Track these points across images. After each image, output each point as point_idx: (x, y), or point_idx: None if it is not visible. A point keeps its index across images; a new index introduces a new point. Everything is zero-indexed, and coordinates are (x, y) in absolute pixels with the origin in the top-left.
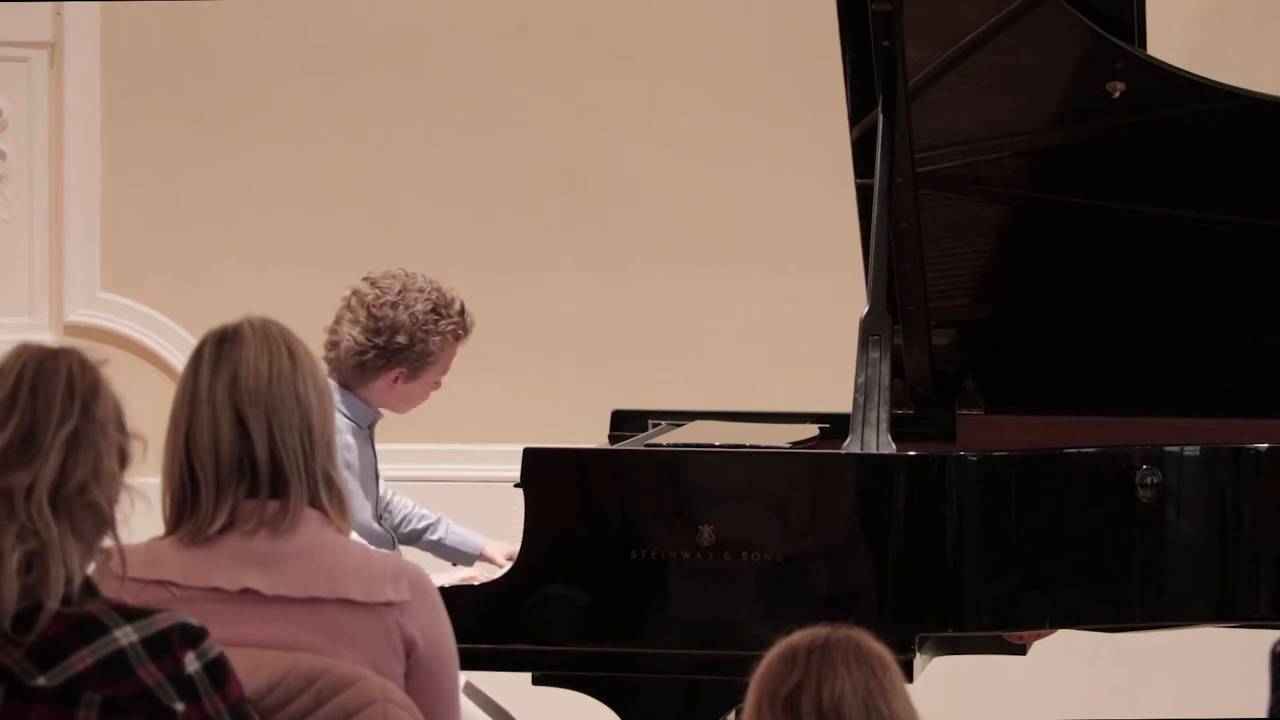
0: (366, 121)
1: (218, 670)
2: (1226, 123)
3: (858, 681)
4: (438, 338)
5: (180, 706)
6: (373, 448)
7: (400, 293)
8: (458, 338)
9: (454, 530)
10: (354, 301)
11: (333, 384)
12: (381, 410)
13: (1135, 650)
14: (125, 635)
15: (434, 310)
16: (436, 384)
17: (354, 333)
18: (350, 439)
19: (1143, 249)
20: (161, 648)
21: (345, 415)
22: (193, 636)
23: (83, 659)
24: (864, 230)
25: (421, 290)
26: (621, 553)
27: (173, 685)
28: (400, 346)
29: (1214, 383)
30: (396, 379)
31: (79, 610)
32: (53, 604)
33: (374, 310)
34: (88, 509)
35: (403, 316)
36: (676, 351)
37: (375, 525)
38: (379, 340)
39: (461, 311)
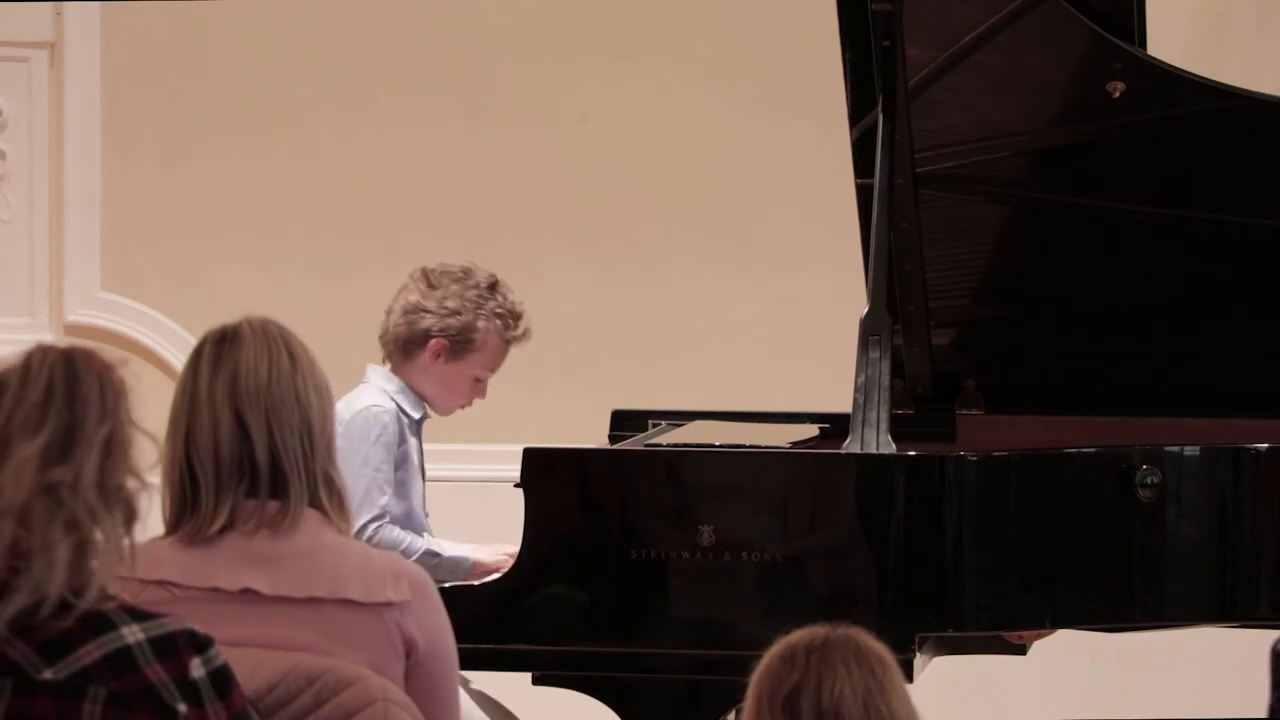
0: (367, 121)
1: (222, 679)
2: (1227, 123)
3: (857, 681)
4: (484, 318)
5: (183, 708)
6: (420, 446)
7: (462, 270)
8: (506, 327)
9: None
10: (416, 274)
11: (386, 373)
12: (427, 408)
13: (1135, 650)
14: (132, 633)
15: (491, 288)
16: (479, 383)
17: (410, 296)
18: (408, 434)
19: (1143, 249)
20: (168, 650)
21: (402, 409)
22: (199, 643)
23: (90, 652)
24: (864, 230)
25: (482, 274)
26: (621, 553)
27: (177, 687)
28: (449, 311)
29: (1214, 383)
30: (439, 354)
31: (90, 607)
32: (92, 595)
33: (432, 278)
34: (122, 506)
35: (456, 287)
36: (676, 351)
37: (424, 521)
38: (430, 304)
39: (516, 309)
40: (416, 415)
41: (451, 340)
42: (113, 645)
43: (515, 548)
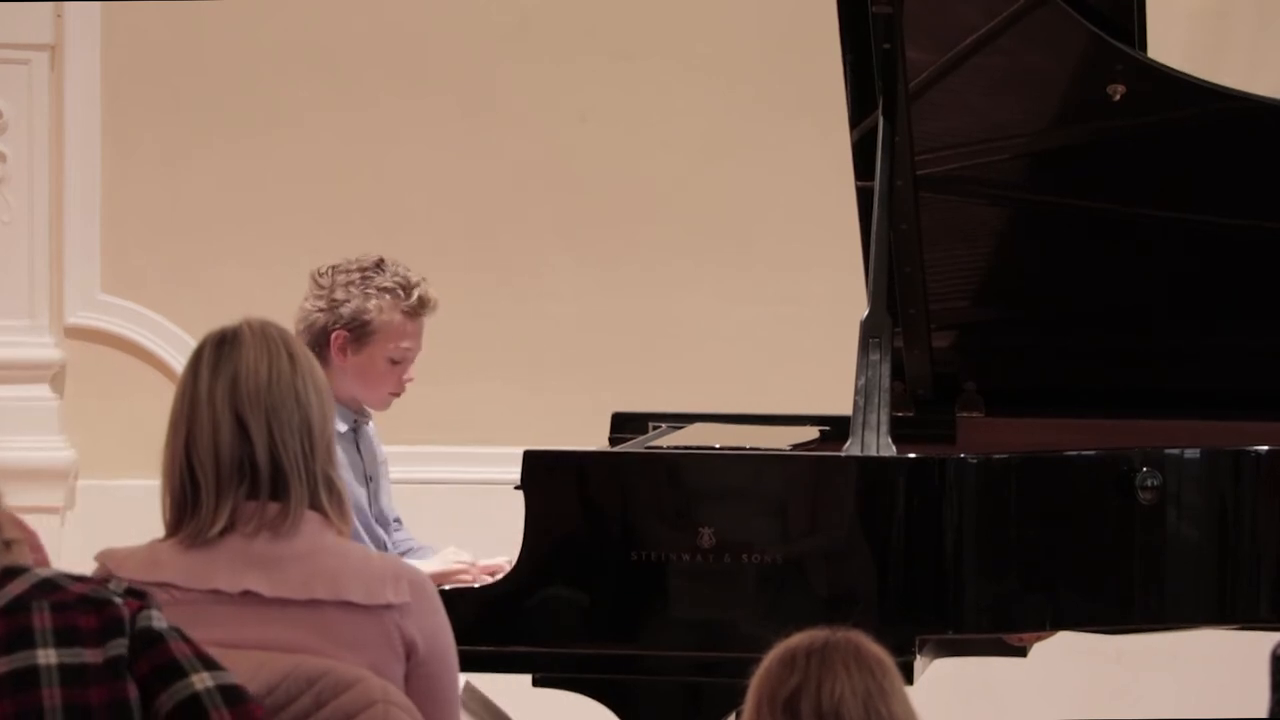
0: (367, 121)
1: (137, 590)
2: (1227, 125)
3: (857, 684)
4: (372, 298)
5: (119, 600)
6: (360, 452)
7: (346, 261)
8: (398, 299)
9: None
10: (308, 280)
11: None
12: (366, 409)
13: (1135, 652)
14: (46, 570)
15: (375, 267)
16: (398, 365)
17: (304, 303)
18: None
19: (1143, 251)
20: (82, 578)
21: None
22: (104, 577)
23: (17, 587)
24: (864, 232)
25: (368, 258)
26: (622, 555)
27: (105, 590)
28: (337, 302)
29: (1215, 385)
30: (344, 347)
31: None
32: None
33: (319, 279)
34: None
35: (341, 278)
36: (676, 352)
37: (362, 533)
38: (320, 303)
39: (406, 282)
40: (344, 428)
41: (349, 329)
42: (34, 578)
43: (467, 555)
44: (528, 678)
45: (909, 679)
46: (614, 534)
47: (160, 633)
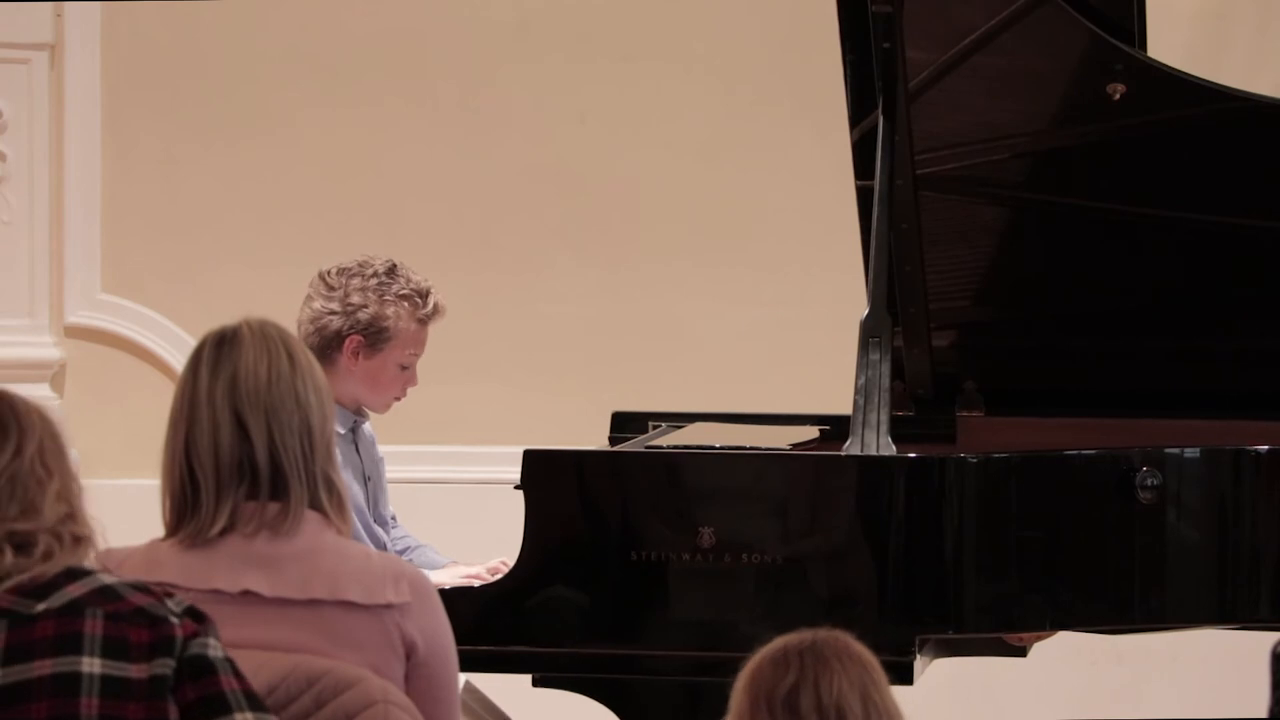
0: (367, 122)
1: (197, 611)
2: (1227, 125)
3: (854, 677)
4: (391, 304)
5: (175, 620)
6: (359, 452)
7: (358, 264)
8: (416, 306)
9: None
10: (314, 280)
11: None
12: (365, 410)
13: (1135, 652)
14: (108, 576)
15: (390, 273)
16: (406, 370)
17: (313, 304)
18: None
19: (1143, 250)
20: (143, 589)
21: None
22: (167, 592)
23: (77, 589)
24: (864, 232)
25: (379, 262)
26: (621, 554)
27: (164, 606)
28: (354, 306)
29: (1214, 384)
30: (357, 352)
31: (66, 564)
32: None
33: (329, 280)
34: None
35: (356, 281)
36: (676, 353)
37: (363, 533)
38: (334, 305)
39: (421, 287)
40: (343, 430)
41: (365, 335)
42: (96, 583)
43: (476, 568)
44: (528, 678)
45: (909, 679)
46: (614, 534)
47: (214, 663)
